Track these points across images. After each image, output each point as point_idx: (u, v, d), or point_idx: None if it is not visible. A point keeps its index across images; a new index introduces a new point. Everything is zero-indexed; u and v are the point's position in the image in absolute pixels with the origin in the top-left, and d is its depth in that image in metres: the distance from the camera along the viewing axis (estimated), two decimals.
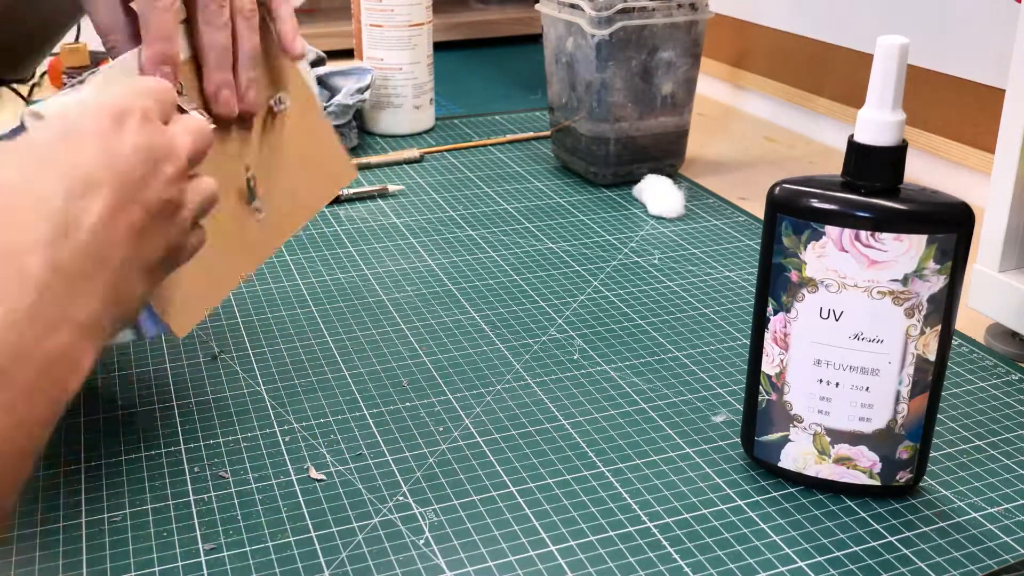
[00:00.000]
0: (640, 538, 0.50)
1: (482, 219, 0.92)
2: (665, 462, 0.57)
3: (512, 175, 1.04)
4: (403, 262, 0.83)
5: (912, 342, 0.49)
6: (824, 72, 1.17)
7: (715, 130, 1.24)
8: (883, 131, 0.48)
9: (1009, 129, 0.65)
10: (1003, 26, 0.92)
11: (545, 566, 0.49)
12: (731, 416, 0.61)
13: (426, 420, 0.60)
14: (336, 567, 0.48)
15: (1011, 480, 0.55)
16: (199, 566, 0.48)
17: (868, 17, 1.09)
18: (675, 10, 0.95)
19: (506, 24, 1.71)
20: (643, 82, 0.97)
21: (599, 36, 0.93)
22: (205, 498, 0.53)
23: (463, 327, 0.72)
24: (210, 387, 0.63)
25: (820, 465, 0.53)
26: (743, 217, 0.93)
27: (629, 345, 0.70)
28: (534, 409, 0.62)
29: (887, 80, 0.47)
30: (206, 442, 0.58)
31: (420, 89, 1.18)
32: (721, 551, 0.50)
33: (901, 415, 0.51)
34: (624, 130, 0.98)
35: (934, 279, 0.48)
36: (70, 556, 0.49)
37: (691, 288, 0.78)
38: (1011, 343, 0.70)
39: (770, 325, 0.52)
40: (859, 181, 0.49)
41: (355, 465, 0.56)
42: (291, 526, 0.51)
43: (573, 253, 0.85)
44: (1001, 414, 0.62)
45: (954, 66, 0.98)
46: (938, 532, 0.51)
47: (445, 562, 0.49)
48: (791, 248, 0.50)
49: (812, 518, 0.52)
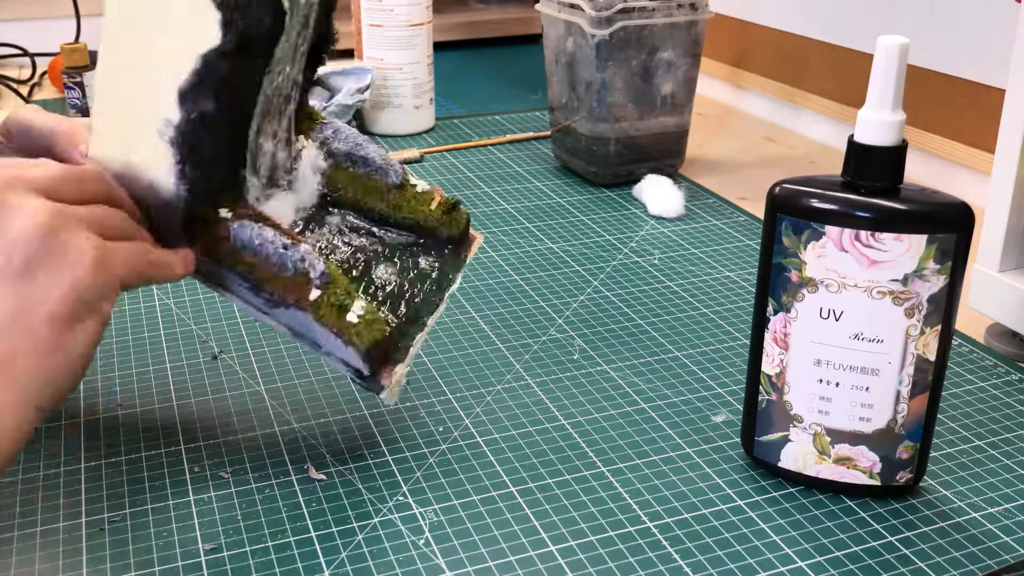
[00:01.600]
0: (640, 538, 0.50)
1: (482, 219, 0.92)
2: (665, 462, 0.57)
3: (512, 175, 1.04)
4: None
5: (912, 342, 0.49)
6: (824, 72, 1.17)
7: (715, 130, 1.24)
8: (883, 131, 0.48)
9: (1009, 129, 0.65)
10: (1003, 26, 0.92)
11: (545, 566, 0.49)
12: (731, 416, 0.61)
13: (426, 420, 0.60)
14: (336, 567, 0.48)
15: (1011, 480, 0.55)
16: (199, 566, 0.48)
17: (868, 17, 1.09)
18: (675, 10, 0.95)
19: (506, 24, 1.71)
20: (643, 82, 0.97)
21: (599, 36, 0.93)
22: (205, 498, 0.53)
23: (463, 327, 0.72)
24: (210, 387, 0.63)
25: (820, 465, 0.53)
26: (743, 217, 0.93)
27: (629, 345, 0.70)
28: (534, 409, 0.62)
29: (887, 80, 0.47)
30: (206, 442, 0.58)
31: (420, 89, 1.18)
32: (721, 551, 0.50)
33: (901, 415, 0.51)
34: (624, 130, 0.98)
35: (934, 279, 0.48)
36: (70, 556, 0.49)
37: (691, 288, 0.78)
38: (1011, 343, 0.70)
39: (770, 325, 0.52)
40: (859, 181, 0.49)
41: (355, 465, 0.56)
42: (291, 526, 0.51)
43: (573, 253, 0.85)
44: (1001, 414, 0.62)
45: (954, 66, 0.98)
46: (938, 532, 0.51)
47: (445, 562, 0.49)
48: (791, 248, 0.50)
49: (812, 518, 0.52)
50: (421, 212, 0.59)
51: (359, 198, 0.59)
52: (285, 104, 0.55)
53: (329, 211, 0.59)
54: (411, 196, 0.59)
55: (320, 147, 0.59)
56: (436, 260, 0.59)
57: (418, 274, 0.58)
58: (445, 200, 0.59)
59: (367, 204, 0.59)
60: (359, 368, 0.53)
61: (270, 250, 0.52)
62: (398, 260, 0.58)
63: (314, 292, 0.52)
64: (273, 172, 0.56)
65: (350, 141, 0.59)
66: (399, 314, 0.56)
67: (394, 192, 0.59)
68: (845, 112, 1.15)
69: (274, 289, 0.52)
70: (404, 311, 0.56)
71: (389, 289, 0.57)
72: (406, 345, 0.55)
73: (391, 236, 0.59)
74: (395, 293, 0.57)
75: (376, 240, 0.59)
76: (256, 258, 0.52)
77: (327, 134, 0.59)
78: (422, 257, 0.59)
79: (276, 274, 0.52)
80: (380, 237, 0.59)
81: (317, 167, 0.59)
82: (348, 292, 0.53)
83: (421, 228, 0.59)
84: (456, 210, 0.60)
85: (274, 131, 0.55)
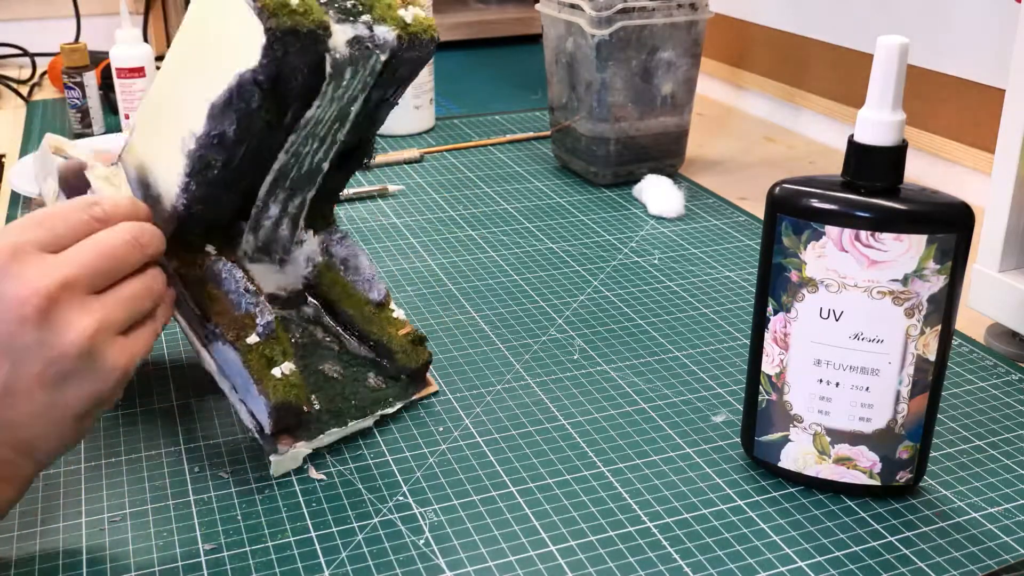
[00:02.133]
0: (640, 538, 0.50)
1: (482, 219, 0.92)
2: (665, 462, 0.57)
3: (512, 175, 1.04)
4: (403, 262, 0.83)
5: (912, 342, 0.49)
6: (824, 72, 1.17)
7: (715, 130, 1.24)
8: (883, 131, 0.48)
9: (1009, 129, 0.65)
10: (1003, 26, 0.92)
11: (545, 566, 0.49)
12: (731, 416, 0.61)
13: (426, 420, 0.60)
14: (336, 567, 0.48)
15: (1011, 480, 0.55)
16: (199, 566, 0.48)
17: (868, 17, 1.09)
18: (675, 10, 0.95)
19: (506, 24, 1.71)
20: (643, 82, 0.97)
21: (599, 36, 0.93)
22: (205, 498, 0.53)
23: (463, 327, 0.72)
24: (210, 387, 0.63)
25: (820, 465, 0.53)
26: (743, 217, 0.93)
27: (629, 345, 0.70)
28: (534, 409, 0.62)
29: (887, 80, 0.47)
30: (206, 442, 0.58)
31: (420, 89, 1.18)
32: (721, 551, 0.50)
33: (901, 415, 0.51)
34: (624, 130, 0.98)
35: (934, 279, 0.48)
36: (70, 556, 0.49)
37: (691, 288, 0.78)
38: (1011, 343, 0.70)
39: (770, 325, 0.52)
40: (859, 181, 0.49)
41: (355, 465, 0.56)
42: (291, 526, 0.51)
43: (573, 253, 0.85)
44: (1001, 414, 0.62)
45: (954, 66, 0.98)
46: (938, 532, 0.51)
47: (445, 562, 0.49)
48: (791, 248, 0.50)
49: (812, 518, 0.52)
50: (388, 334, 0.61)
51: (338, 299, 0.61)
52: (304, 182, 0.57)
53: (306, 300, 0.62)
54: (385, 317, 0.62)
55: (322, 243, 0.62)
56: (384, 382, 0.61)
57: (361, 383, 0.60)
58: (414, 332, 0.62)
59: (343, 307, 0.61)
60: (262, 424, 0.54)
61: (232, 287, 0.54)
62: (348, 365, 0.60)
63: (253, 337, 0.53)
64: (270, 242, 0.59)
65: (350, 249, 0.62)
66: (324, 404, 0.57)
67: (371, 307, 0.61)
68: (845, 112, 1.15)
69: (220, 323, 0.54)
70: (332, 404, 0.58)
71: (325, 381, 0.59)
72: (318, 431, 0.56)
73: (352, 345, 0.62)
74: (332, 388, 0.58)
75: (336, 341, 0.62)
76: (218, 291, 0.54)
77: (334, 237, 0.62)
78: (372, 373, 0.61)
79: (226, 309, 0.54)
80: (342, 341, 0.62)
81: (312, 259, 0.62)
82: (284, 353, 0.54)
83: (383, 348, 0.61)
84: (421, 345, 0.62)
85: (285, 200, 0.57)
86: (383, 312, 0.62)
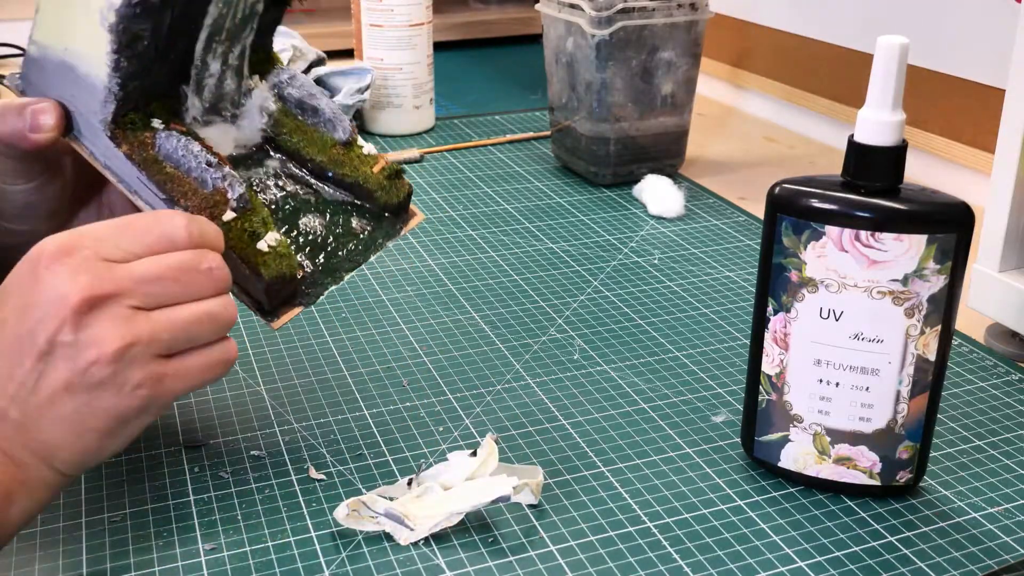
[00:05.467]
0: (640, 538, 0.50)
1: (482, 219, 0.92)
2: (665, 462, 0.57)
3: (512, 175, 1.04)
4: (403, 262, 0.83)
5: (912, 342, 0.49)
6: (824, 72, 1.17)
7: (715, 130, 1.24)
8: (883, 131, 0.48)
9: (1009, 129, 0.65)
10: (1003, 26, 0.92)
11: (545, 566, 0.49)
12: (731, 416, 0.61)
13: (426, 420, 0.60)
14: (336, 567, 0.48)
15: (1011, 480, 0.55)
16: (199, 566, 0.48)
17: (868, 17, 1.09)
18: (675, 10, 0.95)
19: (506, 24, 1.71)
20: (643, 82, 0.97)
21: (599, 36, 0.93)
22: (205, 498, 0.53)
23: (463, 327, 0.72)
24: (210, 387, 0.63)
25: (820, 465, 0.53)
26: (743, 217, 0.93)
27: (629, 345, 0.70)
28: (534, 409, 0.62)
29: (887, 80, 0.47)
30: (206, 442, 0.58)
31: (420, 89, 1.18)
32: (721, 551, 0.50)
33: (901, 415, 0.51)
34: (624, 130, 0.98)
35: (934, 279, 0.48)
36: (70, 556, 0.49)
37: (691, 288, 0.78)
38: (1011, 343, 0.70)
39: (770, 325, 0.52)
40: (859, 181, 0.49)
41: (355, 465, 0.56)
42: (291, 526, 0.51)
43: (573, 253, 0.85)
44: (1001, 414, 0.62)
45: (954, 66, 0.98)
46: (938, 532, 0.51)
47: (445, 562, 0.49)
48: (791, 248, 0.50)
49: (812, 518, 0.52)
50: (363, 173, 0.58)
51: (302, 147, 0.58)
52: (240, 29, 0.53)
53: (269, 154, 0.58)
54: (356, 155, 0.58)
55: (272, 89, 0.58)
56: (369, 223, 0.58)
57: (346, 231, 0.57)
58: (389, 166, 0.58)
59: (309, 154, 0.58)
60: (260, 301, 0.52)
61: (192, 163, 0.50)
62: (329, 214, 0.57)
63: (228, 214, 0.50)
64: (218, 100, 0.55)
65: (304, 89, 0.58)
66: (316, 263, 0.55)
67: (339, 148, 0.58)
68: (845, 112, 1.15)
69: (189, 205, 0.50)
70: (322, 261, 0.55)
71: (311, 238, 0.56)
72: (316, 294, 0.54)
73: (327, 191, 0.58)
74: (317, 243, 0.56)
75: (311, 191, 0.58)
76: (177, 170, 0.51)
77: (282, 79, 0.58)
78: (355, 217, 0.58)
79: (194, 189, 0.51)
80: (316, 190, 0.58)
81: (265, 108, 0.57)
82: (264, 222, 0.52)
83: (360, 189, 0.58)
84: (399, 178, 0.59)
85: (224, 53, 0.53)
86: (352, 151, 0.58)
